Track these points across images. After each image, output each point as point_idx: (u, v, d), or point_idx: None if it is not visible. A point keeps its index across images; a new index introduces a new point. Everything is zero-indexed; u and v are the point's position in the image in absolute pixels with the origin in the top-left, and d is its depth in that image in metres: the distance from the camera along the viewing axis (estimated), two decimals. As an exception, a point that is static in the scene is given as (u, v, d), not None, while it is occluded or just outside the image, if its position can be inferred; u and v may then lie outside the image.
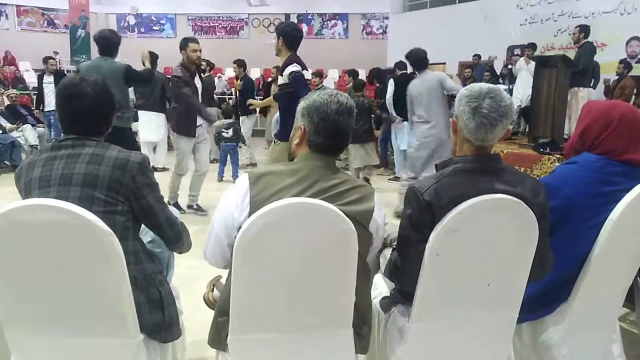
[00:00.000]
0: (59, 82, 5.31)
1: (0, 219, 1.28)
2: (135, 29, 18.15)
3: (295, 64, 3.58)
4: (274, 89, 7.29)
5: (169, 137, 6.20)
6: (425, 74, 5.06)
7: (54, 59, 8.05)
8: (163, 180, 2.74)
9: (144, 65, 4.40)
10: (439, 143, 4.71)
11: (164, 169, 6.94)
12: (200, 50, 4.46)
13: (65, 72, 9.90)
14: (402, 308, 1.61)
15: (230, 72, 8.46)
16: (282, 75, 3.70)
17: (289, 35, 3.69)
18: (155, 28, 18.10)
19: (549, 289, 1.67)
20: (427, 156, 4.76)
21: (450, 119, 1.55)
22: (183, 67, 4.40)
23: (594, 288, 1.67)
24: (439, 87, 4.79)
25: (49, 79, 7.78)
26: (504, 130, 1.45)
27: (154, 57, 6.40)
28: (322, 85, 7.29)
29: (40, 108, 7.99)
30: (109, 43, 4.11)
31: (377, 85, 7.68)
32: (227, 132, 6.20)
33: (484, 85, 1.46)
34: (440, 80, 4.95)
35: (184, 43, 4.46)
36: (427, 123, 4.78)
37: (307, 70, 3.92)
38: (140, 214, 1.57)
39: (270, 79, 7.91)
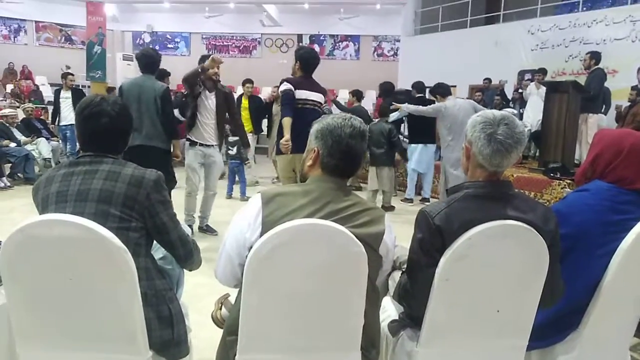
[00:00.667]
0: (76, 98, 5.43)
1: (17, 234, 1.31)
2: (150, 47, 18.46)
3: (285, 83, 3.85)
4: (275, 108, 7.37)
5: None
6: (453, 100, 5.36)
7: (72, 74, 8.16)
8: (177, 198, 2.77)
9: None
10: None
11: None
12: (217, 67, 4.41)
13: (81, 87, 10.07)
14: (411, 332, 1.61)
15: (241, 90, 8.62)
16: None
17: (305, 60, 3.96)
18: (169, 46, 18.42)
19: (559, 316, 1.66)
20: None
21: (464, 145, 1.56)
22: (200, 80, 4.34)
23: (605, 317, 1.65)
24: (473, 112, 5.00)
25: (66, 94, 7.89)
26: (518, 156, 1.48)
27: (164, 75, 6.47)
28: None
29: (57, 122, 8.10)
30: (150, 61, 4.17)
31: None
32: (232, 150, 6.27)
33: (496, 112, 1.49)
34: (473, 105, 5.36)
35: (204, 59, 4.40)
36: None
37: (322, 93, 4.01)
38: (153, 231, 1.60)
39: (268, 99, 7.95)
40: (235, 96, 9.32)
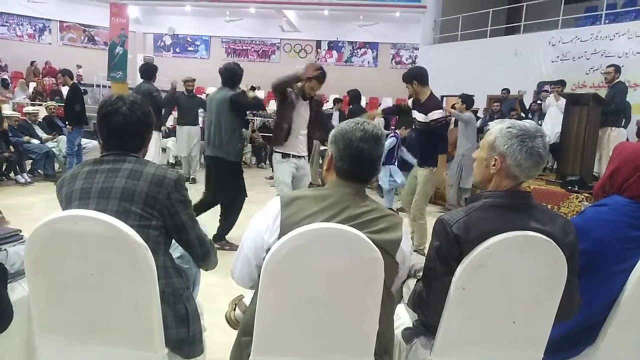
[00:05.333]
0: (72, 95, 5.43)
1: (43, 228, 1.34)
2: (171, 49, 18.77)
3: (441, 111, 4.07)
4: None
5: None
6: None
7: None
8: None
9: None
10: None
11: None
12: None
13: (96, 86, 9.94)
14: (425, 340, 1.60)
15: (261, 94, 8.66)
16: (424, 114, 4.08)
17: (420, 75, 4.08)
18: (190, 49, 18.68)
19: (575, 331, 1.64)
20: None
21: (495, 157, 1.50)
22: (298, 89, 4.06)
23: (622, 332, 1.63)
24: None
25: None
26: None
27: (152, 69, 6.44)
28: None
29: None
30: (231, 74, 4.24)
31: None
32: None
33: (527, 124, 1.48)
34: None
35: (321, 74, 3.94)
36: None
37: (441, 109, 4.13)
38: (172, 230, 1.62)
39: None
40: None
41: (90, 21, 17.38)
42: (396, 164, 6.30)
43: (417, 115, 4.18)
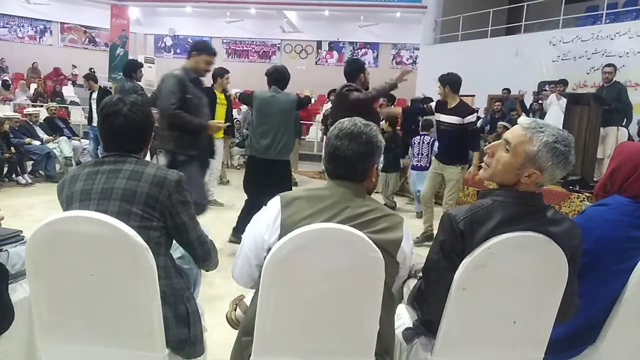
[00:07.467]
0: (100, 98, 5.49)
1: (44, 229, 1.34)
2: (172, 50, 18.80)
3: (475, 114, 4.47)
4: None
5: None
6: None
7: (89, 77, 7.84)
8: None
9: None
10: None
11: None
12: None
13: (108, 88, 10.02)
14: (425, 340, 1.60)
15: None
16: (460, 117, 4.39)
17: (455, 82, 4.36)
18: (190, 49, 18.69)
19: (576, 331, 1.64)
20: None
21: (533, 171, 1.43)
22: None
23: (623, 332, 1.63)
24: None
25: (94, 96, 7.69)
26: None
27: (136, 66, 6.37)
28: None
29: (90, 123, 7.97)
30: (281, 76, 4.28)
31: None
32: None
33: (566, 134, 1.43)
34: None
35: (363, 67, 4.17)
36: None
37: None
38: (173, 231, 1.62)
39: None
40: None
41: (91, 22, 17.41)
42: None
43: (447, 118, 4.43)
